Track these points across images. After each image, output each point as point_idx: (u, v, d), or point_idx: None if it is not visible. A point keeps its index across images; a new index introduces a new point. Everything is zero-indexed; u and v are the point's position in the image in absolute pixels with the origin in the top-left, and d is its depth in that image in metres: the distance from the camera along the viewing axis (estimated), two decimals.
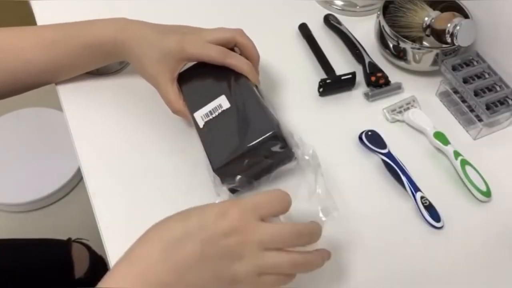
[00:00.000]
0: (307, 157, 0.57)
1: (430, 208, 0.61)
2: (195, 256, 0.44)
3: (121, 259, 0.45)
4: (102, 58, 0.65)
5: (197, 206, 0.46)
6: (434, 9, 0.74)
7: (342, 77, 0.72)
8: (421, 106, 0.72)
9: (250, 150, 0.55)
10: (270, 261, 0.45)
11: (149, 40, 0.61)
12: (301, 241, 0.47)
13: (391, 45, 0.74)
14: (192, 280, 0.44)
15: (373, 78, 0.73)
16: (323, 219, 0.51)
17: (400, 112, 0.71)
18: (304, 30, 0.80)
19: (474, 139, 0.70)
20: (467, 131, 0.71)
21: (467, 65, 0.73)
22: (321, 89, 0.72)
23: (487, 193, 0.63)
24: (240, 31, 0.63)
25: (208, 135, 0.58)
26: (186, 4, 0.84)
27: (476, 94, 0.70)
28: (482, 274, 0.58)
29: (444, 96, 0.74)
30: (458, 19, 0.69)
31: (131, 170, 0.63)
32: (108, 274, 0.44)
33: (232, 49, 0.63)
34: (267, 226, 0.45)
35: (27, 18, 0.87)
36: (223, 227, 0.44)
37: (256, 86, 0.61)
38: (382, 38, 0.75)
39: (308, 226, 0.48)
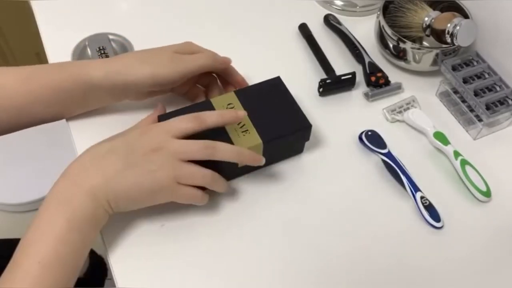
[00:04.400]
0: None
1: (430, 208, 0.61)
2: (118, 164, 0.52)
3: (59, 176, 0.53)
4: (82, 92, 0.62)
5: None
6: (434, 9, 0.74)
7: (342, 77, 0.72)
8: (421, 106, 0.72)
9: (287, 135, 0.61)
10: (185, 170, 0.53)
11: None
12: (208, 152, 0.54)
13: (391, 45, 0.74)
14: (118, 185, 0.52)
15: (373, 78, 0.73)
16: None
17: (400, 112, 0.71)
18: (304, 30, 0.80)
19: (474, 139, 0.70)
20: (467, 131, 0.71)
21: (467, 65, 0.73)
22: (321, 89, 0.72)
23: (487, 193, 0.63)
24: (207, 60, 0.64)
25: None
26: (186, 4, 0.83)
27: (476, 94, 0.70)
28: (482, 274, 0.58)
29: (444, 96, 0.74)
30: (458, 19, 0.69)
31: None
32: (50, 189, 0.52)
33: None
34: (180, 141, 0.53)
35: (27, 18, 0.87)
36: (143, 142, 0.53)
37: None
38: (382, 38, 0.75)
39: (212, 141, 0.55)
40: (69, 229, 0.49)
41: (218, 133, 0.57)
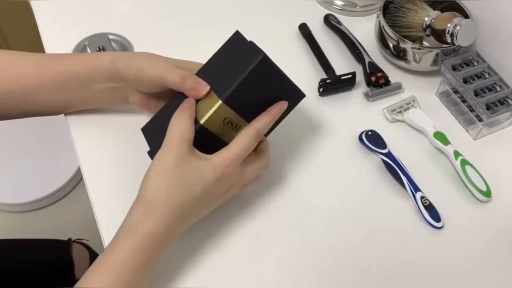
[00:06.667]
0: None
1: (430, 208, 0.61)
2: (200, 213, 0.55)
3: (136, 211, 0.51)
4: (88, 80, 0.61)
5: (192, 167, 0.52)
6: (434, 9, 0.74)
7: (342, 77, 0.72)
8: (421, 106, 0.72)
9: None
10: (249, 176, 0.56)
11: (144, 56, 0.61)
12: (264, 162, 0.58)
13: (391, 45, 0.74)
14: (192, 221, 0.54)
15: (373, 78, 0.73)
16: None
17: (400, 112, 0.71)
18: (304, 30, 0.80)
19: (474, 139, 0.70)
20: (467, 131, 0.71)
21: (467, 65, 0.73)
22: (321, 89, 0.72)
23: (487, 193, 0.63)
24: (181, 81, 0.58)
25: None
26: (186, 4, 0.83)
27: (476, 94, 0.70)
28: (482, 274, 0.58)
29: (444, 96, 0.74)
30: (458, 19, 0.69)
31: (131, 170, 0.63)
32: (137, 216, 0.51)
33: None
34: (246, 171, 0.56)
35: (27, 18, 0.88)
36: (219, 188, 0.54)
37: None
38: (382, 38, 0.75)
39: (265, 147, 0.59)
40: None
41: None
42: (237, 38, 0.58)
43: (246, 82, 0.53)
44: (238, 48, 0.57)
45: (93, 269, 0.49)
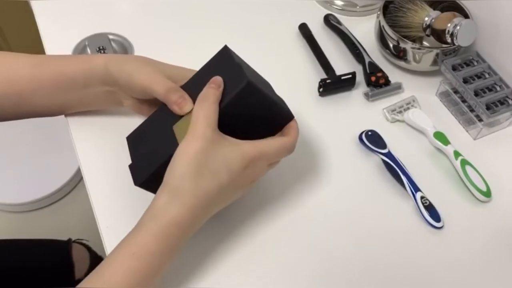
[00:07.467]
0: None
1: (430, 208, 0.61)
2: (224, 202, 0.54)
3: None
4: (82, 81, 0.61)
5: (219, 154, 0.51)
6: (434, 9, 0.74)
7: (342, 77, 0.72)
8: (421, 106, 0.72)
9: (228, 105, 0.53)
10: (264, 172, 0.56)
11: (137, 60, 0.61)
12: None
13: (391, 45, 0.74)
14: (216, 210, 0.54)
15: (373, 78, 0.73)
16: None
17: (400, 112, 0.71)
18: (304, 30, 0.80)
19: (474, 139, 0.70)
20: (467, 131, 0.71)
21: (467, 65, 0.73)
22: (321, 89, 0.72)
23: (487, 193, 0.63)
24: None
25: None
26: (186, 4, 0.83)
27: (476, 94, 0.70)
28: (482, 274, 0.58)
29: (444, 96, 0.74)
30: (458, 19, 0.69)
31: None
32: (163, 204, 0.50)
33: None
34: (268, 167, 0.56)
35: (27, 18, 0.87)
36: (246, 177, 0.53)
37: None
38: (382, 38, 0.75)
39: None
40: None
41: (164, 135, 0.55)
42: (225, 54, 0.57)
43: (231, 107, 0.53)
44: (225, 67, 0.56)
45: (115, 254, 0.49)
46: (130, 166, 0.56)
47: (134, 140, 0.59)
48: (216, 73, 0.55)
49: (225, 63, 0.56)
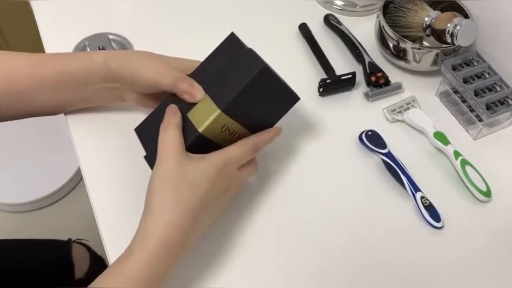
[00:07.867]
0: None
1: (430, 208, 0.61)
2: (212, 217, 0.55)
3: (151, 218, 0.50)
4: (84, 79, 0.61)
5: (192, 167, 0.52)
6: (434, 9, 0.74)
7: (342, 77, 0.72)
8: (421, 106, 0.72)
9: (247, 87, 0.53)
10: (242, 179, 0.58)
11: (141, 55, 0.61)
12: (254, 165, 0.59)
13: (391, 45, 0.74)
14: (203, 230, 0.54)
15: (373, 78, 0.73)
16: None
17: (400, 112, 0.71)
18: (304, 30, 0.80)
19: (474, 139, 0.70)
20: (467, 131, 0.71)
21: (467, 65, 0.73)
22: (321, 89, 0.72)
23: (487, 193, 0.63)
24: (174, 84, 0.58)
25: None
26: (186, 4, 0.83)
27: (476, 94, 0.70)
28: (482, 274, 0.58)
29: (444, 96, 0.74)
30: (458, 19, 0.69)
31: (132, 169, 0.63)
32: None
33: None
34: (241, 173, 0.57)
35: (27, 18, 0.87)
36: (220, 185, 0.53)
37: None
38: (382, 38, 0.75)
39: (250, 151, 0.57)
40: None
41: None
42: (233, 40, 0.58)
43: (246, 92, 0.53)
44: (235, 53, 0.56)
45: (105, 278, 0.48)
46: (146, 157, 0.56)
47: (145, 132, 0.59)
48: (226, 59, 0.56)
49: (235, 49, 0.57)
